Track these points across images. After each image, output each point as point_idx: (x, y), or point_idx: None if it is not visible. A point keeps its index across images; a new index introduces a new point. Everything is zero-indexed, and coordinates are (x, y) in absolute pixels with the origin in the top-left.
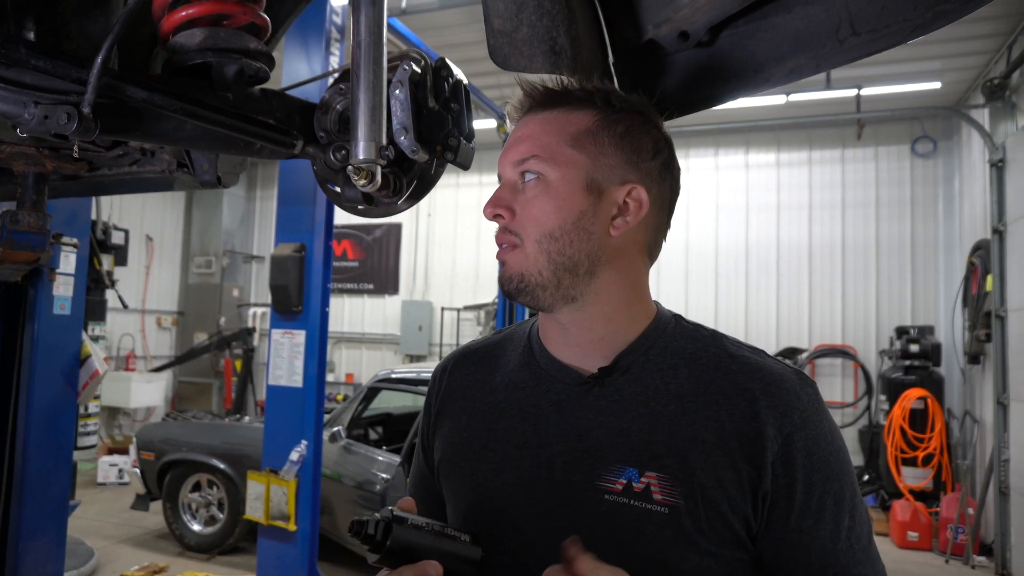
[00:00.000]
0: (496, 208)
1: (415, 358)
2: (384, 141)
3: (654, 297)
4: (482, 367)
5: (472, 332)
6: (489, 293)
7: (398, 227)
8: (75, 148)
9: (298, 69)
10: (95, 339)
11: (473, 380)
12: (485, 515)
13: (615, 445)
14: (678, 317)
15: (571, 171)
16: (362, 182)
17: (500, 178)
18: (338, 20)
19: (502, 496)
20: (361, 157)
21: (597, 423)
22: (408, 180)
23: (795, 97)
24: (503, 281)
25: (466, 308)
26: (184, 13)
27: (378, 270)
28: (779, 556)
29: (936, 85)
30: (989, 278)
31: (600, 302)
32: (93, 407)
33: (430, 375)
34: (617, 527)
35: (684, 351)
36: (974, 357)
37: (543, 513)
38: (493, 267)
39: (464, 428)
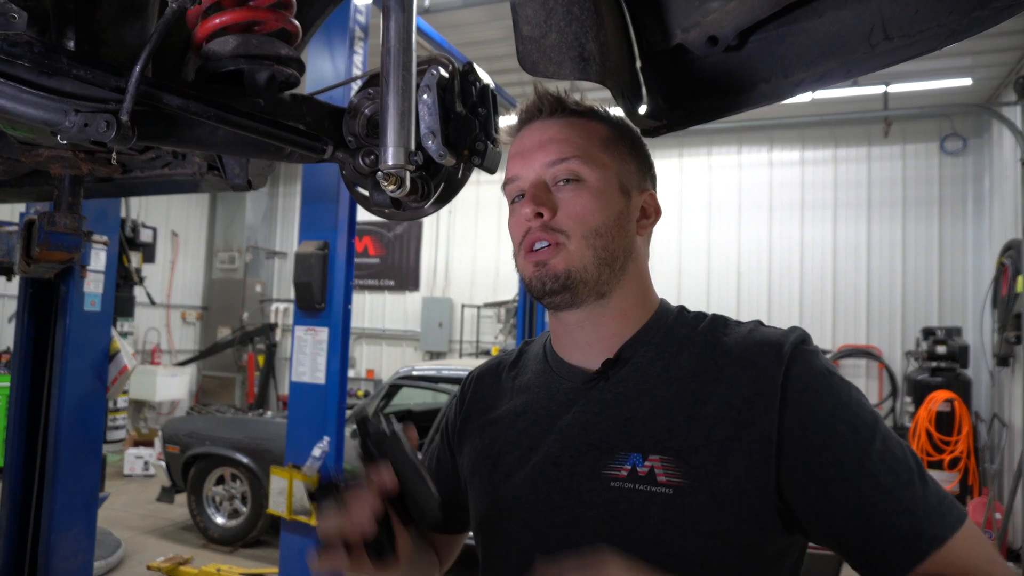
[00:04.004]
0: (539, 206)
1: (435, 354)
2: (413, 146)
3: (677, 297)
4: (506, 377)
5: (492, 329)
6: (509, 291)
7: (419, 224)
8: (113, 155)
9: (323, 68)
10: (123, 335)
11: (495, 391)
12: (500, 517)
13: (620, 434)
14: (682, 308)
15: (607, 173)
16: (391, 187)
17: (511, 180)
18: (362, 19)
19: (514, 496)
20: (390, 163)
21: (603, 416)
22: (435, 184)
23: (820, 94)
24: (545, 280)
25: (486, 305)
26: (217, 21)
27: (399, 266)
28: (813, 500)
29: (967, 82)
30: (1020, 279)
31: (622, 297)
32: (122, 401)
33: (451, 372)
34: (622, 512)
35: (682, 337)
36: (1003, 359)
37: (551, 508)
38: (513, 264)
39: (486, 435)
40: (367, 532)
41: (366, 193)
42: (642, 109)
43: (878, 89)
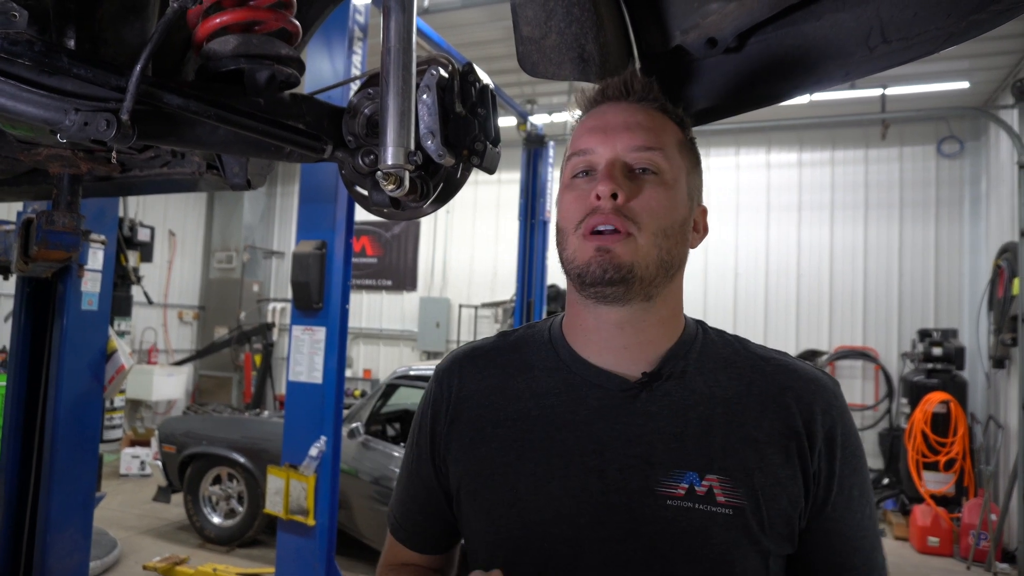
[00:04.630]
0: (616, 186)
1: (432, 355)
2: (412, 146)
3: None
4: (500, 371)
5: (490, 329)
6: (507, 291)
7: (417, 224)
8: (113, 154)
9: (321, 68)
10: (121, 334)
11: (491, 385)
12: (529, 528)
13: (670, 450)
14: (701, 323)
15: (681, 176)
16: (390, 187)
17: (584, 152)
18: (361, 19)
19: (549, 508)
20: (390, 163)
21: (649, 428)
22: (434, 184)
23: (819, 96)
24: (607, 268)
25: (484, 305)
26: (218, 20)
27: (396, 266)
28: (814, 544)
29: (964, 85)
30: (1016, 281)
31: (665, 305)
32: (118, 401)
33: None
34: (682, 531)
35: (719, 355)
36: (999, 361)
37: (596, 522)
38: (511, 265)
39: (489, 439)
40: None
41: (365, 193)
42: None
43: (876, 91)
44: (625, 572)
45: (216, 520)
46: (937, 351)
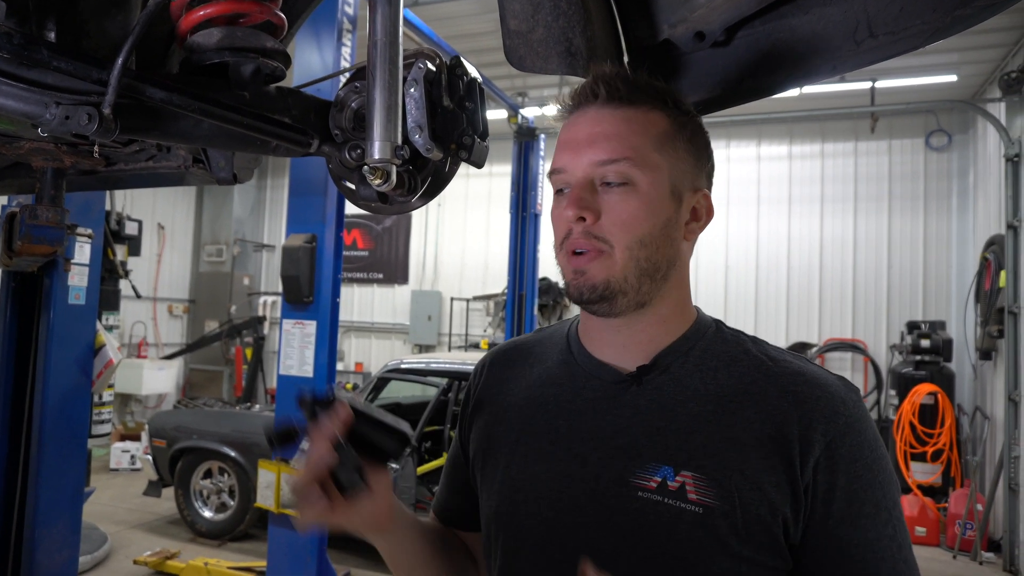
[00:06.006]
0: (582, 210)
1: (424, 348)
2: (399, 140)
3: None
4: (521, 362)
5: (481, 322)
6: (498, 284)
7: (408, 217)
8: (95, 148)
9: (310, 60)
10: (109, 329)
11: (511, 375)
12: (515, 506)
13: (652, 443)
14: (719, 323)
15: (659, 176)
16: (377, 181)
17: (559, 171)
18: (350, 11)
19: (533, 488)
20: (376, 157)
21: (634, 421)
22: (422, 178)
23: (808, 89)
24: (583, 290)
25: (475, 298)
26: (202, 12)
27: (388, 259)
28: (816, 562)
29: (952, 78)
30: (1003, 274)
31: (662, 304)
32: (107, 395)
33: (440, 366)
34: (649, 524)
35: (724, 354)
36: (986, 353)
37: (573, 507)
38: (502, 258)
39: (500, 421)
40: (329, 462)
41: (353, 187)
42: None
43: (865, 84)
44: (594, 559)
45: (207, 514)
46: (925, 343)
